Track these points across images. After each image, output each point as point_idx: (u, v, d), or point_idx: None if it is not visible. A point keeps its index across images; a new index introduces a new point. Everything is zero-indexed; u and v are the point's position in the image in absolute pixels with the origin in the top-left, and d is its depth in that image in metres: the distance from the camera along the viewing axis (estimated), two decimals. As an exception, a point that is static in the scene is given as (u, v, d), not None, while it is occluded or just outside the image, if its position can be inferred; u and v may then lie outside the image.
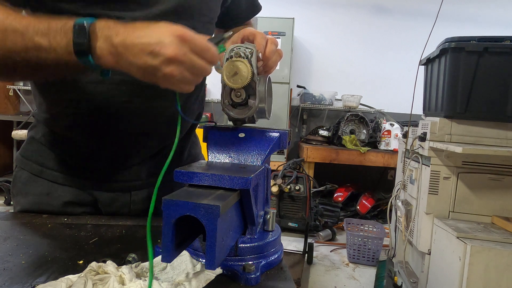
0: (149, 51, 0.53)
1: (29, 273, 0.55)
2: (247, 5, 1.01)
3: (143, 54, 0.53)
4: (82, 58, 0.55)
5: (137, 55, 0.54)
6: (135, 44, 0.53)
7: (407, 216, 1.92)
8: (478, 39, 1.63)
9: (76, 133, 0.81)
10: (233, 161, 0.65)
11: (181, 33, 0.54)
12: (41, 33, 0.55)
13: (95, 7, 0.68)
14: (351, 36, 4.12)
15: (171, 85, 0.57)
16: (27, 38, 0.55)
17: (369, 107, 3.97)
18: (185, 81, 0.57)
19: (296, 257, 2.30)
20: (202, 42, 0.55)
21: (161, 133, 0.84)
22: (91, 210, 0.86)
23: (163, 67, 0.54)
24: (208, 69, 0.57)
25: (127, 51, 0.54)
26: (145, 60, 0.54)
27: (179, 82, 0.57)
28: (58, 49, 0.55)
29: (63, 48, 0.55)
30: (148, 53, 0.53)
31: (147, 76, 0.56)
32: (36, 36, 0.55)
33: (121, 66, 0.56)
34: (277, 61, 0.72)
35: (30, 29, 0.55)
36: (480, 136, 1.67)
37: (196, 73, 0.57)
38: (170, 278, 0.54)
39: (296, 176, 2.89)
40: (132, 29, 0.55)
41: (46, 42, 0.55)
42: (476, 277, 1.36)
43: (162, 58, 0.53)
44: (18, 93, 3.97)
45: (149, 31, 0.54)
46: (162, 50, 0.53)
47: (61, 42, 0.55)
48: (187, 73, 0.56)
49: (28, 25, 0.56)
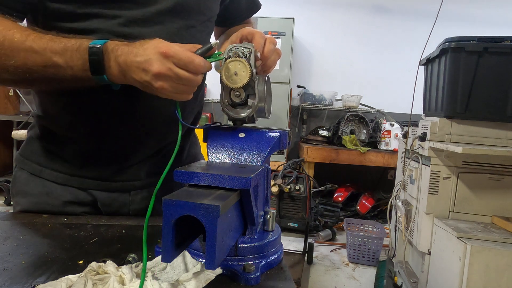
0: (142, 69, 0.60)
1: (29, 273, 0.55)
2: (246, 3, 1.01)
3: (139, 71, 0.60)
4: (97, 76, 0.62)
5: (135, 72, 0.60)
6: (132, 62, 0.60)
7: (407, 216, 1.92)
8: (478, 39, 1.63)
9: (75, 133, 0.81)
10: (233, 161, 0.65)
11: (164, 50, 0.59)
12: (59, 53, 0.62)
13: (93, 6, 0.68)
14: (351, 36, 4.12)
15: (167, 96, 0.63)
16: (46, 58, 0.62)
17: (369, 107, 3.97)
18: (178, 91, 0.62)
19: (296, 257, 2.30)
20: (185, 56, 0.60)
21: (160, 133, 0.84)
22: (91, 210, 0.86)
23: (153, 82, 0.60)
24: (194, 80, 0.61)
25: (128, 69, 0.61)
26: (140, 76, 0.60)
27: (174, 93, 0.62)
28: (75, 68, 0.62)
29: (79, 67, 0.62)
30: (141, 70, 0.60)
31: (146, 89, 0.63)
32: (54, 57, 0.62)
33: (128, 81, 0.63)
34: (275, 60, 0.72)
35: (47, 51, 0.62)
36: (480, 136, 1.67)
37: (185, 84, 0.61)
38: (170, 278, 0.54)
39: (296, 176, 2.89)
40: (132, 48, 0.61)
41: (63, 61, 0.62)
42: (476, 277, 1.36)
43: (150, 74, 0.59)
44: (18, 93, 3.97)
45: (141, 50, 0.60)
46: (149, 67, 0.59)
47: (77, 62, 0.61)
48: (177, 85, 0.61)
49: (46, 46, 0.62)
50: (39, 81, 0.65)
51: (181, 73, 0.60)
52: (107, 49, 0.61)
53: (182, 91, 0.63)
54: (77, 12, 0.68)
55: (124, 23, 0.71)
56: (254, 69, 0.64)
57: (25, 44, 0.62)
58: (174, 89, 0.61)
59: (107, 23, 0.70)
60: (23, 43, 0.62)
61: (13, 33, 0.62)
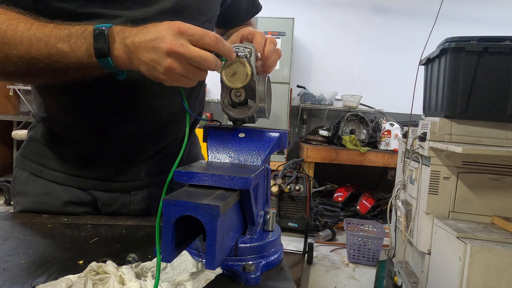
0: (151, 46, 0.56)
1: (29, 273, 0.55)
2: (247, 5, 1.01)
3: (147, 50, 0.57)
4: (102, 60, 0.59)
5: (143, 51, 0.57)
6: (141, 42, 0.57)
7: (407, 216, 1.92)
8: (478, 39, 1.63)
9: (75, 133, 0.81)
10: (233, 161, 0.65)
11: (178, 25, 0.56)
12: (63, 40, 0.59)
13: (94, 6, 0.68)
14: (351, 36, 4.12)
15: (173, 79, 0.59)
16: (50, 45, 0.60)
17: (369, 107, 3.97)
18: (186, 74, 0.59)
19: (296, 257, 2.30)
20: (199, 30, 0.57)
21: (160, 133, 0.84)
22: (91, 210, 0.86)
23: (162, 60, 0.56)
24: (208, 58, 0.57)
25: (136, 49, 0.58)
26: (148, 56, 0.57)
27: (181, 76, 0.59)
28: (79, 53, 0.59)
29: (84, 52, 0.59)
30: (150, 48, 0.57)
31: (151, 72, 0.59)
32: (59, 43, 0.59)
33: (133, 64, 0.59)
34: (276, 60, 0.72)
35: (52, 37, 0.60)
36: (480, 136, 1.67)
37: (197, 63, 0.57)
38: (170, 278, 0.54)
39: (296, 176, 2.89)
40: (142, 29, 0.59)
41: (67, 47, 0.59)
42: (476, 277, 1.36)
43: (161, 51, 0.56)
44: (18, 93, 3.97)
45: (152, 29, 0.57)
46: (161, 43, 0.56)
47: (81, 46, 0.59)
48: (188, 66, 0.58)
49: (50, 34, 0.60)
50: (44, 72, 0.63)
51: (194, 50, 0.56)
52: (113, 32, 0.59)
53: (189, 74, 0.59)
54: (78, 11, 0.68)
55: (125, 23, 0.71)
56: (254, 69, 0.64)
57: (29, 32, 0.60)
58: (182, 70, 0.57)
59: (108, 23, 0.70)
60: (26, 31, 0.60)
61: (17, 23, 0.61)
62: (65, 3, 0.67)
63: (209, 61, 0.58)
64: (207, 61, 0.58)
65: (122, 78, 0.65)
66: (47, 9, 0.68)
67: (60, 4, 0.67)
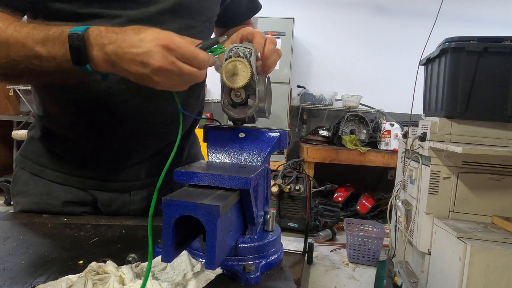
0: (139, 61, 0.55)
1: (29, 273, 0.55)
2: (247, 4, 1.01)
3: (134, 64, 0.55)
4: (80, 67, 0.57)
5: (129, 64, 0.55)
6: (126, 53, 0.55)
7: (407, 216, 1.92)
8: (478, 39, 1.63)
9: (75, 133, 0.81)
10: (233, 161, 0.65)
11: (167, 42, 0.54)
12: (40, 43, 0.57)
13: (94, 6, 0.68)
14: (351, 36, 4.12)
15: (165, 89, 0.59)
16: (28, 48, 0.57)
17: (369, 107, 3.97)
18: (178, 84, 0.58)
19: (296, 257, 2.30)
20: (189, 50, 0.56)
21: (160, 132, 0.84)
22: (91, 210, 0.86)
23: (153, 76, 0.55)
24: (198, 75, 0.58)
25: (119, 59, 0.55)
26: (136, 69, 0.55)
27: (173, 86, 0.58)
28: (57, 58, 0.57)
29: (61, 57, 0.57)
30: (138, 62, 0.55)
31: (141, 81, 0.58)
32: (36, 46, 0.57)
33: (118, 71, 0.57)
34: (276, 60, 0.72)
35: (29, 39, 0.57)
36: (480, 136, 1.67)
37: (186, 79, 0.58)
38: (170, 278, 0.54)
39: (296, 176, 2.89)
40: (123, 36, 0.56)
41: (45, 51, 0.57)
42: (476, 277, 1.36)
43: (150, 68, 0.55)
44: (18, 93, 3.97)
45: (137, 40, 0.55)
46: (150, 60, 0.54)
47: (59, 52, 0.57)
48: (178, 79, 0.57)
49: (27, 35, 0.57)
50: (27, 74, 0.61)
51: (185, 68, 0.56)
52: (89, 37, 0.56)
53: (181, 84, 0.59)
54: (78, 12, 0.67)
55: (125, 23, 0.71)
56: (254, 69, 0.64)
57: (6, 32, 0.58)
58: (174, 82, 0.57)
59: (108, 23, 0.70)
60: (4, 31, 0.58)
61: None
62: (64, 4, 0.67)
63: (199, 77, 0.58)
64: (197, 78, 0.58)
65: (106, 80, 0.63)
66: (46, 10, 0.67)
67: (59, 5, 0.67)
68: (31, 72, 0.60)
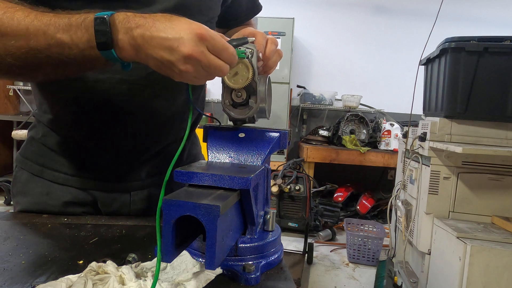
0: (166, 46, 0.53)
1: (29, 273, 0.55)
2: (247, 5, 1.01)
3: (161, 49, 0.53)
4: (104, 52, 0.55)
5: (155, 48, 0.54)
6: (154, 37, 0.53)
7: (407, 216, 1.92)
8: (478, 39, 1.63)
9: (76, 133, 0.81)
10: (233, 161, 0.65)
11: (201, 32, 0.53)
12: (62, 29, 0.55)
13: (95, 5, 0.68)
14: (351, 36, 4.12)
15: (185, 80, 0.57)
16: (49, 35, 0.55)
17: (369, 107, 3.97)
18: (199, 77, 0.57)
19: (296, 257, 2.30)
20: (221, 42, 0.55)
21: (161, 133, 0.84)
22: (91, 210, 0.86)
23: (179, 64, 0.54)
24: (224, 69, 0.56)
25: (146, 43, 0.54)
26: (161, 55, 0.54)
27: (194, 78, 0.57)
28: (80, 45, 0.55)
29: (85, 43, 0.55)
30: (166, 47, 0.53)
31: (163, 69, 0.56)
32: (58, 33, 0.55)
33: (140, 57, 0.56)
34: (277, 61, 0.72)
35: (51, 27, 0.55)
36: (480, 136, 1.67)
37: (211, 72, 0.56)
38: (170, 278, 0.54)
39: (296, 176, 2.89)
40: (152, 21, 0.55)
41: (68, 38, 0.55)
42: (476, 277, 1.36)
43: (179, 55, 0.53)
44: (18, 93, 3.97)
45: (169, 25, 0.54)
46: (180, 47, 0.53)
47: (82, 38, 0.55)
48: (202, 71, 0.55)
49: (49, 23, 0.56)
50: (45, 65, 0.59)
51: (212, 59, 0.54)
52: (115, 20, 0.55)
53: (203, 77, 0.57)
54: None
55: None
56: (256, 70, 0.64)
57: (26, 20, 0.56)
58: (197, 74, 0.55)
59: None
60: (24, 19, 0.56)
61: (15, 11, 0.57)
62: (67, 2, 0.67)
63: (225, 71, 0.57)
64: (223, 72, 0.57)
65: (127, 70, 0.62)
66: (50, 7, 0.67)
67: (62, 3, 0.67)
68: (50, 62, 0.58)
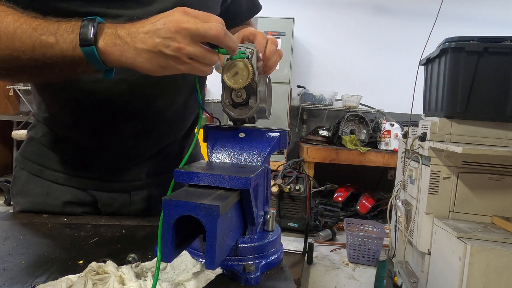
0: (154, 31, 0.54)
1: (29, 273, 0.55)
2: (247, 4, 1.01)
3: (150, 36, 0.54)
4: (86, 49, 0.55)
5: (144, 39, 0.54)
6: (140, 31, 0.55)
7: (407, 216, 1.92)
8: (478, 39, 1.63)
9: (75, 133, 0.81)
10: (233, 161, 0.65)
11: (183, 8, 0.56)
12: (50, 32, 0.56)
13: (94, 5, 0.68)
14: (351, 36, 4.12)
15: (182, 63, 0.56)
16: (35, 37, 0.57)
17: (369, 107, 3.97)
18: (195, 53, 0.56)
19: (296, 257, 2.30)
20: (203, 12, 0.57)
21: (161, 133, 0.84)
22: (91, 210, 0.86)
23: (170, 41, 0.54)
24: (217, 27, 0.55)
25: (133, 38, 0.55)
26: (151, 41, 0.54)
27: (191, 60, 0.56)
28: (64, 45, 0.56)
29: (68, 43, 0.56)
30: (153, 32, 0.54)
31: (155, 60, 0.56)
32: (44, 35, 0.56)
33: (126, 58, 0.56)
34: (277, 61, 0.72)
35: (38, 30, 0.57)
36: (480, 136, 1.67)
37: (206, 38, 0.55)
38: (170, 278, 0.54)
39: (296, 176, 2.89)
40: (137, 22, 0.57)
41: (53, 39, 0.56)
42: (476, 277, 1.36)
43: (168, 32, 0.54)
44: (18, 93, 3.97)
45: (152, 19, 0.56)
46: (167, 24, 0.54)
47: (67, 38, 0.56)
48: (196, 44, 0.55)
49: (37, 27, 0.57)
50: (29, 68, 0.60)
51: (202, 24, 0.54)
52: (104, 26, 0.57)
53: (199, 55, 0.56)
54: (78, 11, 0.67)
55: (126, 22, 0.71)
56: (256, 70, 0.64)
57: (15, 24, 0.57)
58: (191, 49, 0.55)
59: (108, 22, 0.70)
60: (13, 23, 0.58)
61: (6, 15, 0.59)
62: (65, 3, 0.67)
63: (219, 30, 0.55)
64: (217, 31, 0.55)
65: (109, 78, 0.61)
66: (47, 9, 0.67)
67: (60, 4, 0.67)
68: (34, 65, 0.59)
